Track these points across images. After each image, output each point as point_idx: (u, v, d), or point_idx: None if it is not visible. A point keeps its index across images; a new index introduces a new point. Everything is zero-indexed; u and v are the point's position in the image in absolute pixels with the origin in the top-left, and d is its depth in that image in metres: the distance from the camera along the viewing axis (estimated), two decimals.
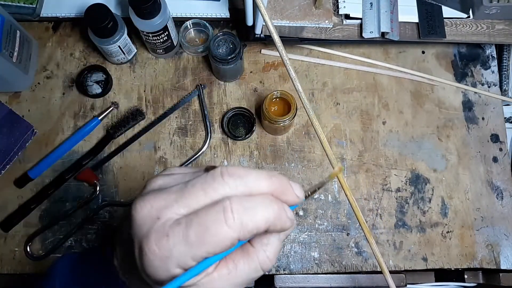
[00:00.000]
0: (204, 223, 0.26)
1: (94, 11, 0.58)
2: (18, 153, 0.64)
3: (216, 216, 0.26)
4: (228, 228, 0.26)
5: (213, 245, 0.26)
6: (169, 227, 0.27)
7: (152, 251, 0.27)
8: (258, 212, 0.27)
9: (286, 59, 0.37)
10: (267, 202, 0.28)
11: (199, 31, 0.70)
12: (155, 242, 0.27)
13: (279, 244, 0.31)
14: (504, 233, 0.64)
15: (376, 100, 0.69)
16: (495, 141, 0.67)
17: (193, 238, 0.26)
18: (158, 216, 0.28)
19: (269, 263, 0.30)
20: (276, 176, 0.30)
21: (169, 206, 0.28)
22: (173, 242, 0.26)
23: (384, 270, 0.41)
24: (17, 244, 0.62)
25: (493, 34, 0.65)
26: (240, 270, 0.29)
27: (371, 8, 0.63)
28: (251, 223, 0.27)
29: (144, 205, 0.28)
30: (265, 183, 0.29)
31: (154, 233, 0.27)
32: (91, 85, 0.67)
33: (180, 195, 0.28)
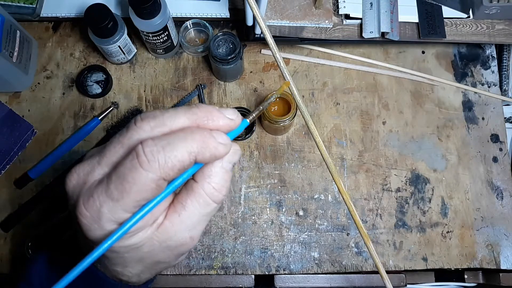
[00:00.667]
0: (121, 174, 0.26)
1: (94, 11, 0.58)
2: (18, 153, 0.64)
3: (130, 163, 0.26)
4: (145, 171, 0.25)
5: (136, 192, 0.26)
6: (94, 188, 0.27)
7: (83, 215, 0.27)
8: (176, 146, 0.26)
9: (280, 59, 0.37)
10: (186, 133, 0.27)
11: (199, 31, 0.70)
12: (84, 206, 0.27)
13: (226, 172, 0.30)
14: (504, 233, 0.64)
15: (376, 100, 0.69)
16: (495, 141, 0.67)
17: (115, 192, 0.26)
18: (84, 181, 0.28)
19: (218, 194, 0.29)
20: (198, 105, 0.29)
21: (93, 168, 0.28)
22: (99, 201, 0.26)
23: (383, 276, 0.41)
24: (17, 244, 0.62)
25: (493, 34, 0.65)
26: (190, 209, 0.29)
27: (371, 8, 0.63)
28: (170, 159, 0.26)
29: (72, 175, 0.28)
30: (183, 116, 0.28)
31: (81, 197, 0.27)
32: (91, 85, 0.67)
33: (101, 155, 0.28)
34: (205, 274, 0.61)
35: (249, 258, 0.62)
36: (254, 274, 0.62)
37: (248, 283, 0.61)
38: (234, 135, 0.29)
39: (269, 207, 0.64)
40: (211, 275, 0.61)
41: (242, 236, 0.63)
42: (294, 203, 0.64)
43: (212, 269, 0.61)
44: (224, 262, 0.62)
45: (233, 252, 0.62)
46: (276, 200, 0.64)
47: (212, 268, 0.61)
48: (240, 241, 0.62)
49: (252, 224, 0.63)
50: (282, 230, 0.63)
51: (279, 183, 0.65)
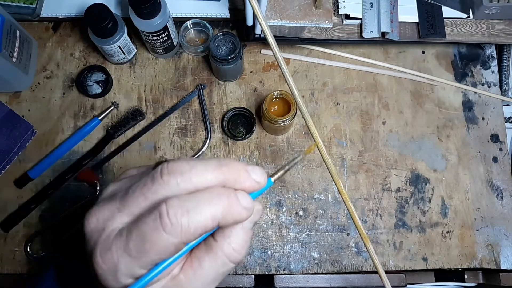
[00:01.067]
0: (142, 233, 0.25)
1: (94, 11, 0.58)
2: (18, 153, 0.64)
3: (152, 223, 0.25)
4: (166, 235, 0.25)
5: (155, 253, 0.25)
6: (112, 239, 0.26)
7: (100, 266, 0.26)
8: (201, 210, 0.25)
9: (282, 62, 0.37)
10: (212, 196, 0.26)
11: (199, 31, 0.70)
12: (100, 256, 0.26)
13: (246, 233, 0.28)
14: (504, 233, 0.64)
15: (376, 100, 0.69)
16: (495, 141, 0.67)
17: (134, 250, 0.25)
18: (103, 227, 0.27)
19: (237, 255, 0.28)
20: (227, 163, 0.28)
21: (113, 216, 0.27)
22: (117, 255, 0.25)
23: (382, 277, 0.41)
24: (17, 244, 0.62)
25: (493, 34, 0.65)
26: (206, 267, 0.28)
27: (371, 8, 0.63)
28: (193, 224, 0.25)
29: (91, 218, 0.27)
30: (212, 175, 0.27)
31: (99, 246, 0.26)
32: (91, 85, 0.67)
33: (122, 203, 0.27)
34: None
35: (249, 258, 0.62)
36: (254, 274, 0.62)
37: (248, 283, 0.61)
38: (257, 195, 0.29)
39: (269, 207, 0.64)
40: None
41: None
42: (294, 203, 0.64)
43: None
44: None
45: None
46: (276, 200, 0.64)
47: None
48: None
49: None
50: (282, 230, 0.63)
51: (279, 183, 0.65)
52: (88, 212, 0.28)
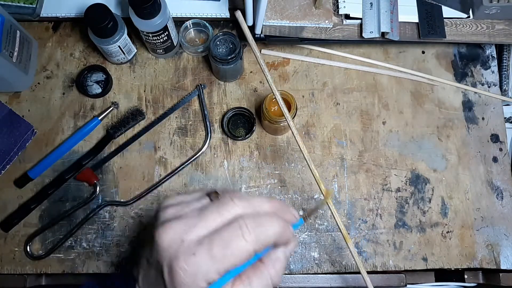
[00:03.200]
0: (224, 240, 0.31)
1: (94, 11, 0.58)
2: (18, 153, 0.64)
3: (234, 232, 0.31)
4: (245, 242, 0.31)
5: (234, 258, 0.30)
6: (194, 247, 0.31)
7: (183, 269, 0.30)
8: (268, 226, 0.32)
9: (264, 66, 0.37)
10: (274, 218, 0.33)
11: (199, 31, 0.70)
12: (184, 261, 0.30)
13: (286, 260, 0.35)
14: (504, 233, 0.64)
15: (376, 100, 0.69)
16: (495, 141, 0.67)
17: (217, 254, 0.30)
18: (182, 239, 0.31)
19: (278, 279, 0.34)
20: (276, 200, 0.35)
21: (190, 229, 0.32)
22: (200, 259, 0.30)
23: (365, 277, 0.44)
24: (17, 244, 0.62)
25: (493, 34, 0.65)
26: (254, 285, 0.33)
27: (371, 8, 0.63)
28: (263, 236, 0.31)
29: (167, 232, 0.32)
30: (267, 205, 0.34)
31: (182, 253, 0.31)
32: (91, 85, 0.67)
33: (198, 219, 0.32)
34: None
35: None
36: None
37: None
38: (294, 228, 0.36)
39: None
40: None
41: None
42: (294, 203, 0.64)
43: None
44: None
45: None
46: None
47: None
48: None
49: None
50: None
51: (279, 183, 0.65)
52: (162, 227, 0.32)
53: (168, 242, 0.32)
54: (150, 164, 0.65)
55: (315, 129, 0.67)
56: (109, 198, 0.64)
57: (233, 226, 0.31)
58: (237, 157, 0.66)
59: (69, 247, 0.62)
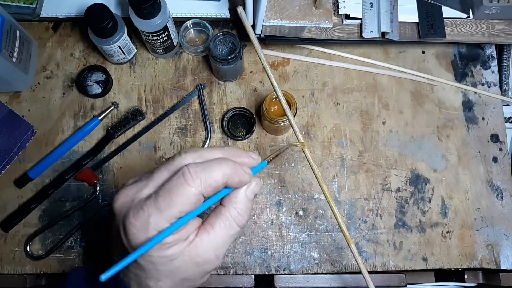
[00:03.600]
0: (169, 189, 0.32)
1: (94, 11, 0.58)
2: (18, 153, 0.64)
3: (177, 180, 0.32)
4: (189, 186, 0.32)
5: (181, 204, 0.32)
6: (143, 201, 0.32)
7: (133, 224, 0.32)
8: (214, 168, 0.33)
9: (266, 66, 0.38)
10: (221, 161, 0.34)
11: (199, 31, 0.70)
12: (133, 216, 0.32)
13: (248, 201, 0.36)
14: (504, 233, 0.64)
15: (376, 100, 0.69)
16: (495, 141, 0.67)
17: (162, 203, 0.31)
18: (133, 198, 0.33)
19: (242, 219, 0.35)
20: (229, 147, 0.38)
21: (140, 189, 0.34)
22: (148, 212, 0.32)
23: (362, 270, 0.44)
24: (17, 244, 0.62)
25: (493, 34, 0.65)
26: (217, 229, 0.34)
27: (371, 8, 0.63)
28: (209, 178, 0.32)
29: (120, 195, 0.34)
30: (218, 152, 0.35)
31: (131, 210, 0.32)
32: (91, 85, 0.67)
33: (148, 180, 0.34)
34: None
35: (249, 258, 0.62)
36: (254, 274, 0.62)
37: (248, 283, 0.61)
38: (255, 171, 0.36)
39: (269, 207, 0.64)
40: (211, 275, 0.61)
41: (242, 236, 0.63)
42: (294, 203, 0.64)
43: None
44: (224, 262, 0.62)
45: (233, 252, 0.62)
46: (276, 200, 0.64)
47: None
48: (240, 241, 0.62)
49: (252, 224, 0.63)
50: (282, 230, 0.63)
51: (279, 183, 0.65)
52: (117, 194, 0.34)
53: (121, 204, 0.34)
54: (150, 164, 0.65)
55: (315, 129, 0.67)
56: (109, 198, 0.64)
57: (177, 174, 0.32)
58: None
59: (69, 247, 0.62)
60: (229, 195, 0.35)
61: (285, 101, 0.43)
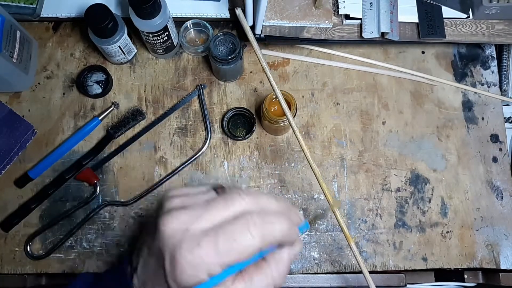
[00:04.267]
0: (231, 233, 0.30)
1: (94, 11, 0.58)
2: (19, 153, 0.64)
3: (241, 227, 0.30)
4: (252, 238, 0.30)
5: (239, 253, 0.30)
6: (199, 237, 0.30)
7: (185, 259, 0.30)
8: (275, 224, 0.31)
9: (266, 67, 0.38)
10: (281, 217, 0.32)
11: (199, 31, 0.70)
12: (188, 250, 0.30)
13: (289, 261, 0.34)
14: (504, 233, 0.64)
15: (376, 100, 0.69)
16: (495, 141, 0.67)
17: (222, 247, 0.30)
18: (187, 228, 0.31)
19: (280, 279, 0.34)
20: (282, 199, 0.35)
21: (196, 220, 0.31)
22: (204, 251, 0.29)
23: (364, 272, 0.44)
24: (17, 244, 0.62)
25: (493, 34, 0.65)
26: (255, 283, 0.32)
27: (371, 8, 0.63)
28: (270, 233, 0.31)
29: (172, 220, 0.31)
30: (275, 204, 0.34)
31: (186, 242, 0.30)
32: (91, 85, 0.67)
33: (205, 210, 0.31)
34: None
35: None
36: None
37: None
38: (300, 231, 0.36)
39: None
40: None
41: None
42: (294, 203, 0.64)
43: None
44: None
45: None
46: None
47: None
48: None
49: None
50: None
51: (279, 183, 0.65)
52: (167, 215, 0.32)
53: (173, 230, 0.31)
54: (150, 164, 0.65)
55: (315, 129, 0.67)
56: (109, 198, 0.64)
57: (240, 220, 0.31)
58: (237, 157, 0.66)
59: (69, 247, 0.62)
60: (273, 252, 0.34)
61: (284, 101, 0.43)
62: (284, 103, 0.43)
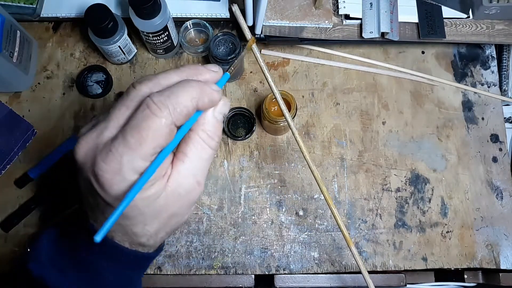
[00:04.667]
0: (136, 125, 0.29)
1: (94, 11, 0.58)
2: (19, 153, 0.64)
3: (143, 114, 0.29)
4: (158, 118, 0.29)
5: (153, 138, 0.29)
6: (110, 144, 0.29)
7: (104, 170, 0.29)
8: (180, 94, 0.30)
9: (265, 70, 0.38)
10: (184, 84, 0.31)
11: (199, 31, 0.70)
12: (103, 161, 0.29)
13: (217, 122, 0.33)
14: (504, 233, 0.64)
15: (376, 100, 0.69)
16: (495, 141, 0.67)
17: (132, 141, 0.29)
18: (96, 145, 0.30)
19: (211, 140, 0.33)
20: (184, 66, 0.33)
21: (101, 133, 0.30)
22: (118, 153, 0.29)
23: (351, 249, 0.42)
24: (17, 244, 0.62)
25: (493, 34, 0.65)
26: (190, 155, 0.32)
27: (371, 8, 0.63)
28: (178, 105, 0.30)
29: (80, 145, 0.31)
30: (175, 75, 0.32)
31: (99, 155, 0.29)
32: (91, 85, 0.67)
33: (107, 121, 0.31)
34: (205, 274, 0.61)
35: (249, 258, 0.62)
36: (254, 274, 0.62)
37: (248, 283, 0.61)
38: (220, 85, 0.34)
39: (269, 207, 0.64)
40: (211, 275, 0.61)
41: (242, 236, 0.63)
42: (294, 203, 0.64)
43: (212, 269, 0.61)
44: (224, 262, 0.62)
45: (233, 252, 0.62)
46: (276, 200, 0.64)
47: (212, 268, 0.61)
48: (240, 241, 0.63)
49: (252, 224, 0.63)
50: (282, 230, 0.63)
51: (279, 183, 0.65)
52: (76, 146, 0.31)
53: (84, 154, 0.31)
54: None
55: (315, 129, 0.67)
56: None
57: (141, 108, 0.29)
58: (237, 157, 0.66)
59: None
60: (197, 120, 0.33)
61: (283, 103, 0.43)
62: (283, 104, 0.43)
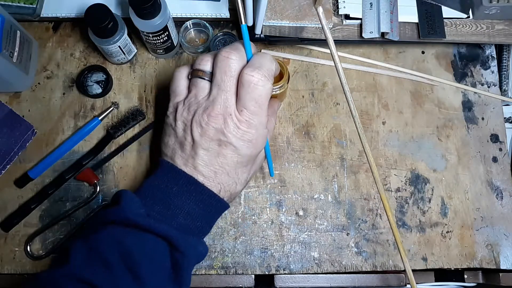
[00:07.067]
0: (251, 100, 0.49)
1: (94, 11, 0.58)
2: (18, 153, 0.64)
3: (249, 89, 0.48)
4: (265, 89, 0.49)
5: (267, 101, 0.50)
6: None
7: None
8: (268, 66, 0.49)
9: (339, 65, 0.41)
10: (267, 57, 0.50)
11: (199, 31, 0.70)
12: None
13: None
14: (504, 233, 0.64)
15: (376, 100, 0.69)
16: (495, 141, 0.67)
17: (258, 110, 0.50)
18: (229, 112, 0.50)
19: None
20: (236, 43, 0.51)
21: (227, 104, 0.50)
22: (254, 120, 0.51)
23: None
24: (17, 244, 0.62)
25: (493, 34, 0.65)
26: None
27: (371, 8, 0.63)
28: (271, 71, 0.49)
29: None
30: (253, 48, 0.51)
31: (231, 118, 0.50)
32: (91, 85, 0.67)
33: (220, 89, 0.50)
34: (205, 274, 0.61)
35: (249, 258, 0.62)
36: (254, 274, 0.62)
37: (248, 283, 0.61)
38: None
39: (269, 207, 0.64)
40: (211, 275, 0.61)
41: (242, 236, 0.63)
42: (294, 203, 0.64)
43: (212, 269, 0.61)
44: (224, 262, 0.62)
45: (233, 252, 0.62)
46: (276, 200, 0.64)
47: (212, 268, 0.61)
48: (240, 241, 0.63)
49: (252, 224, 0.63)
50: (282, 230, 0.63)
51: (279, 183, 0.65)
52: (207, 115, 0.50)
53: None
54: (150, 165, 0.65)
55: (315, 129, 0.67)
56: (109, 198, 0.64)
57: (245, 85, 0.48)
58: None
59: None
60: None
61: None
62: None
